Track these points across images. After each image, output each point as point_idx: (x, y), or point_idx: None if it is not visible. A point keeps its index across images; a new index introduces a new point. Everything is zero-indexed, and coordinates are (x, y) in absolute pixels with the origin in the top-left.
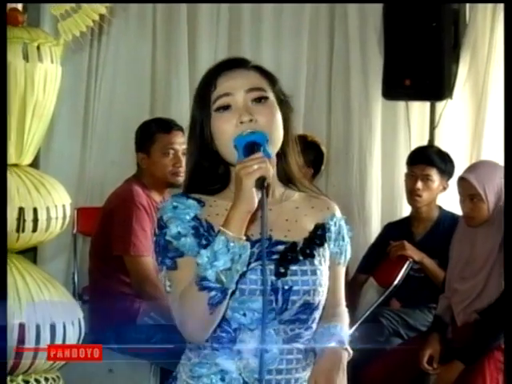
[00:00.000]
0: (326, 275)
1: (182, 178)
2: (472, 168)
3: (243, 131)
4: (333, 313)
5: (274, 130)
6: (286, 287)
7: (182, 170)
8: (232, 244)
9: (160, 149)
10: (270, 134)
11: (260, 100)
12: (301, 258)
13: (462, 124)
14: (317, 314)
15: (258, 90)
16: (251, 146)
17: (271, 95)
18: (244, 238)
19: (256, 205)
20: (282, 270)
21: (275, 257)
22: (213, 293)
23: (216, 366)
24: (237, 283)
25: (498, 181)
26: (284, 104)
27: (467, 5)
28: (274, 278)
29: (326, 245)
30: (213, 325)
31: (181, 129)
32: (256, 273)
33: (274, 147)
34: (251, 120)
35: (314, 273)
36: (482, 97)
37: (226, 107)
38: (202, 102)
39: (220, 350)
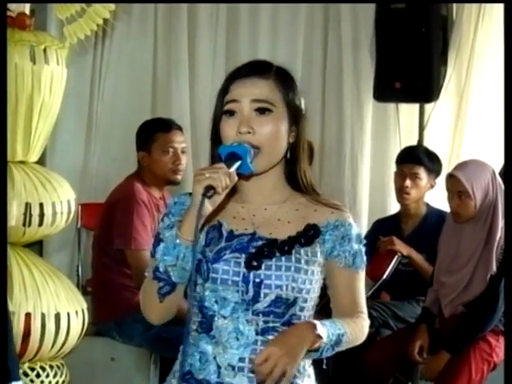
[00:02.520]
0: (311, 274)
1: (180, 176)
2: (461, 166)
3: (232, 142)
4: (346, 316)
5: (272, 142)
6: (258, 280)
7: (182, 167)
8: (178, 243)
9: (160, 147)
10: (265, 146)
11: (263, 112)
12: (278, 254)
13: (450, 125)
14: (297, 311)
15: (264, 102)
16: (230, 157)
17: (279, 105)
18: (190, 239)
19: (207, 211)
20: (255, 264)
21: (252, 250)
22: (161, 283)
23: (197, 347)
24: (209, 273)
25: (485, 179)
26: (296, 112)
27: (454, 10)
28: (245, 270)
29: (317, 246)
30: (167, 311)
31: (180, 128)
32: (229, 264)
33: (269, 159)
34: (249, 132)
35: (288, 269)
36: (465, 98)
37: (232, 113)
38: (217, 103)
39: (201, 334)
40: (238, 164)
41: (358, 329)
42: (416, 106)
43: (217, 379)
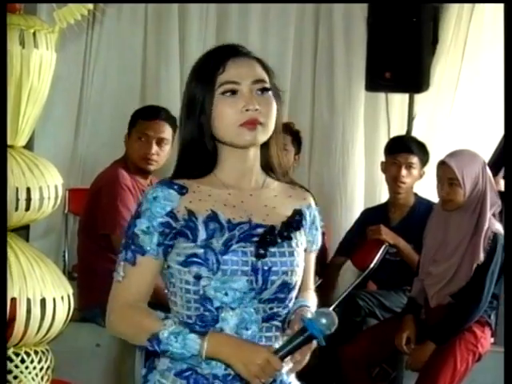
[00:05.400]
0: (302, 257)
1: (153, 166)
2: (453, 154)
3: (318, 319)
4: (302, 294)
5: (272, 119)
6: (266, 268)
7: (153, 157)
8: (196, 354)
9: (136, 133)
10: (267, 123)
11: (263, 91)
12: (279, 240)
13: (439, 115)
14: (294, 294)
15: (262, 82)
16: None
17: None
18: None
19: None
20: (262, 252)
21: (255, 239)
22: (149, 350)
23: None
24: (219, 265)
25: (475, 169)
26: (276, 96)
27: None
28: (254, 259)
29: (302, 230)
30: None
31: (165, 119)
32: (237, 254)
33: (267, 135)
34: (257, 109)
35: (291, 254)
36: (455, 89)
37: (233, 92)
38: (205, 82)
39: (204, 328)
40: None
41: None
42: (406, 96)
43: (224, 371)
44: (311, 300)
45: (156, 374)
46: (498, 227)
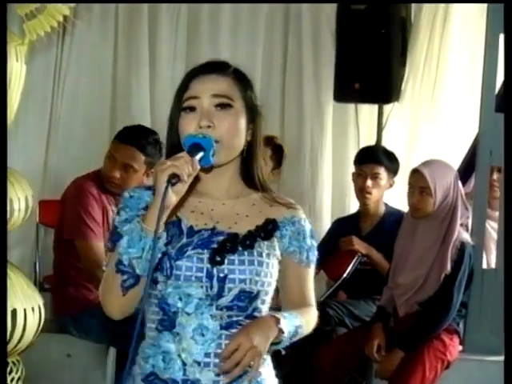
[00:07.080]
0: (272, 268)
1: (115, 189)
2: (427, 163)
3: (197, 134)
4: (292, 309)
5: (231, 136)
6: (222, 275)
7: (117, 181)
8: (144, 235)
9: (108, 152)
10: (225, 140)
11: (224, 106)
12: (240, 248)
13: (408, 125)
14: (259, 304)
15: (223, 97)
16: (193, 147)
17: (238, 102)
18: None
19: (172, 201)
20: (218, 259)
21: (213, 246)
22: (125, 276)
23: (159, 347)
24: (172, 270)
25: (447, 180)
26: (253, 110)
27: (413, 12)
28: (209, 265)
29: (275, 241)
30: (128, 306)
31: (137, 146)
32: (192, 260)
33: (228, 153)
34: (209, 126)
35: (251, 263)
36: (423, 99)
37: (192, 109)
38: (176, 101)
39: (163, 332)
40: (200, 155)
41: (311, 320)
42: (375, 107)
43: (182, 376)
44: (299, 313)
45: (130, 379)
46: (466, 236)
